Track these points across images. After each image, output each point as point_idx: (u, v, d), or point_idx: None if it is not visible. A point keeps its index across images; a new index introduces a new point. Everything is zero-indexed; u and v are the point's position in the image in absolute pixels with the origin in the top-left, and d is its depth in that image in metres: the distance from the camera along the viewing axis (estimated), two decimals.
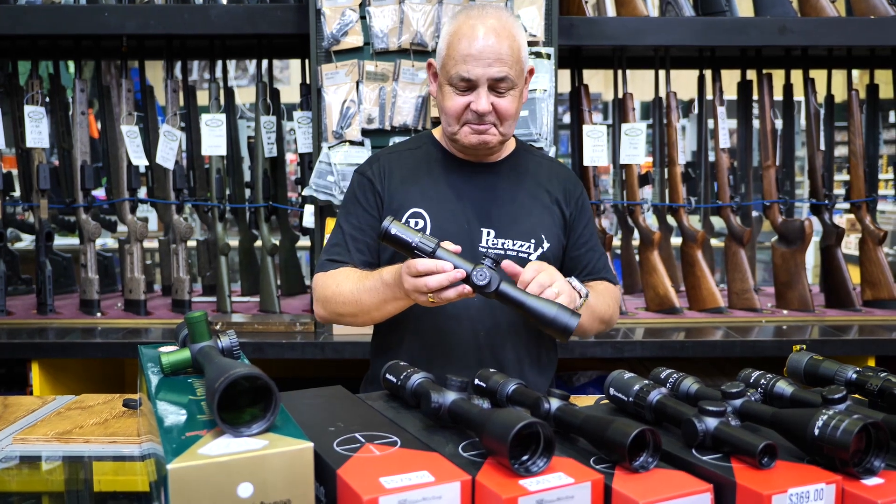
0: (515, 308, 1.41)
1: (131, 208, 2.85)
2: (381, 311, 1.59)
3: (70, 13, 2.63)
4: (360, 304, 1.60)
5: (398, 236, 1.40)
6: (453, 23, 1.66)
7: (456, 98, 1.63)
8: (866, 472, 0.92)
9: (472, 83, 1.60)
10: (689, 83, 3.28)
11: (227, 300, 2.84)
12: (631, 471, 0.93)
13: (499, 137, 1.67)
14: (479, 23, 1.61)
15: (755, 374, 1.20)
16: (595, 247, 1.83)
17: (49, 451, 1.35)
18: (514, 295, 1.40)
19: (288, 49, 2.96)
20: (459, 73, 1.60)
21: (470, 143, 1.66)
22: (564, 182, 1.81)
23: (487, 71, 1.59)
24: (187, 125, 2.99)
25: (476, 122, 1.63)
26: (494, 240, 1.69)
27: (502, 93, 1.62)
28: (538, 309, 1.39)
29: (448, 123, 1.67)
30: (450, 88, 1.63)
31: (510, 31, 1.62)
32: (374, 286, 1.56)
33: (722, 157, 2.87)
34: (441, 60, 1.66)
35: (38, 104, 2.77)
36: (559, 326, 1.39)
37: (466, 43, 1.59)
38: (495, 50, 1.59)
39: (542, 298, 1.41)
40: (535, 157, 1.84)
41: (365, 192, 1.74)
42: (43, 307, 2.82)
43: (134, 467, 1.30)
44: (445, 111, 1.66)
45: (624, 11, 2.78)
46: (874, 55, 2.98)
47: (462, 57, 1.59)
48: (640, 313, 2.83)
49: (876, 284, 2.87)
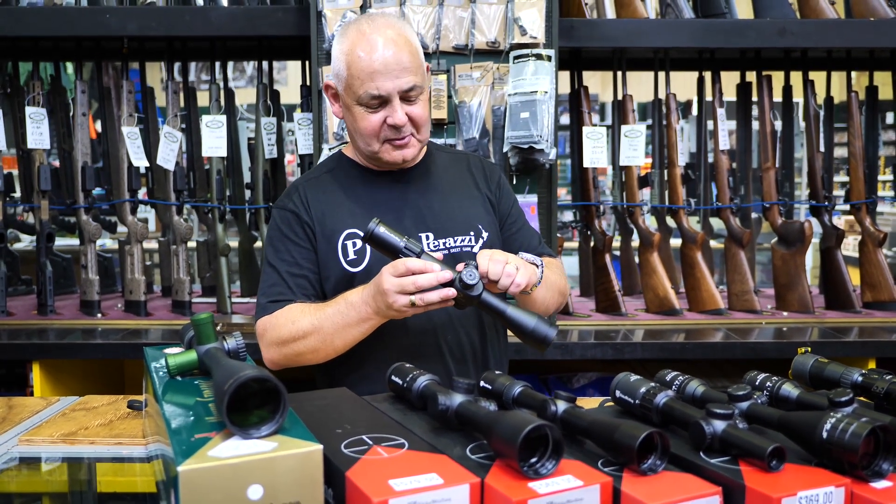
0: (495, 316, 1.43)
1: (132, 209, 2.85)
2: (345, 337, 1.53)
3: (71, 15, 2.62)
4: (322, 333, 1.54)
5: (385, 238, 1.38)
6: (345, 40, 1.60)
7: (370, 117, 1.59)
8: (875, 475, 0.93)
9: (383, 99, 1.57)
10: (688, 85, 3.28)
11: (227, 301, 2.84)
12: (639, 473, 0.93)
13: (418, 146, 1.66)
14: (375, 36, 1.56)
15: (760, 376, 1.20)
16: (524, 225, 1.83)
17: (54, 453, 1.34)
18: (496, 303, 1.41)
19: (288, 50, 2.96)
20: (369, 91, 1.56)
21: (393, 159, 1.64)
22: (482, 168, 1.83)
23: (397, 83, 1.56)
24: (187, 126, 2.98)
25: (395, 136, 1.61)
26: (435, 241, 1.67)
27: (413, 100, 1.60)
28: (518, 319, 1.41)
29: (367, 143, 1.63)
30: (361, 108, 1.60)
31: (406, 38, 1.59)
32: (338, 310, 1.52)
33: (721, 158, 2.87)
34: (343, 81, 1.61)
35: (39, 105, 2.77)
36: (539, 336, 1.41)
37: (368, 59, 1.55)
38: (399, 60, 1.56)
39: (523, 310, 1.43)
40: (447, 152, 1.86)
41: (292, 225, 1.68)
42: (43, 308, 2.82)
43: (140, 468, 1.30)
44: (361, 132, 1.62)
45: (623, 13, 2.78)
46: (873, 57, 2.99)
47: (367, 74, 1.55)
48: (640, 315, 2.83)
49: (876, 286, 2.88)
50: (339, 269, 1.63)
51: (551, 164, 2.51)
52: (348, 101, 1.62)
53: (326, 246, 1.66)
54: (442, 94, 2.47)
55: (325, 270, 1.66)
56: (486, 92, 2.48)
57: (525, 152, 2.43)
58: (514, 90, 2.41)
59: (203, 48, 2.94)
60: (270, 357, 1.62)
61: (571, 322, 2.75)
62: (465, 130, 2.46)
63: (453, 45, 2.49)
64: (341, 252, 1.64)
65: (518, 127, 2.40)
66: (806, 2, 2.79)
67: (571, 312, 2.83)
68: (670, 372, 1.23)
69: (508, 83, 2.45)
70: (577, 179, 2.99)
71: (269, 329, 1.60)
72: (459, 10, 2.48)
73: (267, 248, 1.71)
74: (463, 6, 2.48)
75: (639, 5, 2.76)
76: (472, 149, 2.46)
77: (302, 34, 2.57)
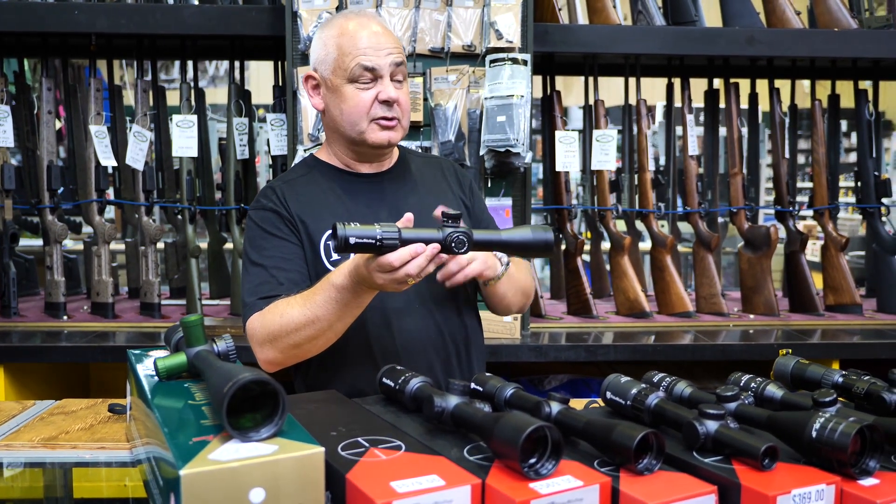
0: (494, 247, 1.44)
1: (99, 210, 2.80)
2: (345, 318, 1.47)
3: (39, 10, 2.57)
4: (318, 321, 1.46)
5: (360, 242, 1.29)
6: (332, 27, 1.64)
7: (361, 94, 1.61)
8: (863, 473, 0.95)
9: (375, 72, 1.60)
10: (657, 90, 3.33)
11: (197, 303, 2.81)
12: (636, 473, 0.95)
13: (401, 133, 1.67)
14: (363, 19, 1.64)
15: (745, 377, 1.23)
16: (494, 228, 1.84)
17: (36, 457, 1.31)
18: (489, 237, 1.41)
19: (261, 50, 2.94)
20: (362, 62, 1.59)
21: (378, 140, 1.63)
22: (455, 173, 1.84)
23: (388, 58, 1.61)
24: (156, 126, 2.94)
25: (384, 115, 1.62)
26: None
27: (400, 82, 1.64)
28: (514, 238, 1.42)
29: (354, 123, 1.63)
30: (351, 86, 1.61)
31: (387, 27, 1.69)
32: (329, 296, 1.44)
33: (691, 163, 2.92)
34: (332, 63, 1.62)
35: (3, 103, 2.71)
36: (539, 243, 1.42)
37: (359, 35, 1.60)
38: (388, 39, 1.63)
39: (512, 229, 1.44)
40: (420, 156, 1.87)
41: (274, 222, 1.64)
42: (6, 310, 2.75)
43: (123, 473, 1.28)
44: (351, 110, 1.62)
45: (596, 19, 2.81)
46: (835, 66, 3.07)
47: (360, 49, 1.59)
48: (611, 317, 2.86)
49: (838, 289, 2.95)
50: (323, 272, 1.60)
51: (526, 167, 2.53)
52: (337, 81, 1.62)
53: (308, 248, 1.64)
54: (418, 96, 2.48)
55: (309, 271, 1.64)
56: (461, 95, 2.49)
57: (501, 155, 2.44)
58: (491, 94, 2.43)
59: (173, 46, 2.90)
60: (266, 357, 1.54)
61: (543, 324, 2.77)
62: (441, 133, 2.47)
63: (429, 48, 2.49)
64: (324, 253, 1.63)
65: (494, 130, 2.41)
66: (773, 11, 2.85)
67: (543, 315, 2.85)
68: (657, 373, 1.25)
69: (485, 87, 2.46)
70: (549, 183, 3.01)
71: (260, 327, 1.53)
72: (436, 14, 2.49)
73: (248, 251, 1.65)
74: (439, 9, 2.49)
75: (611, 11, 2.79)
76: (447, 152, 2.47)
77: (276, 34, 2.55)
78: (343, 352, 1.60)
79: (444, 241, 1.35)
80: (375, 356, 1.60)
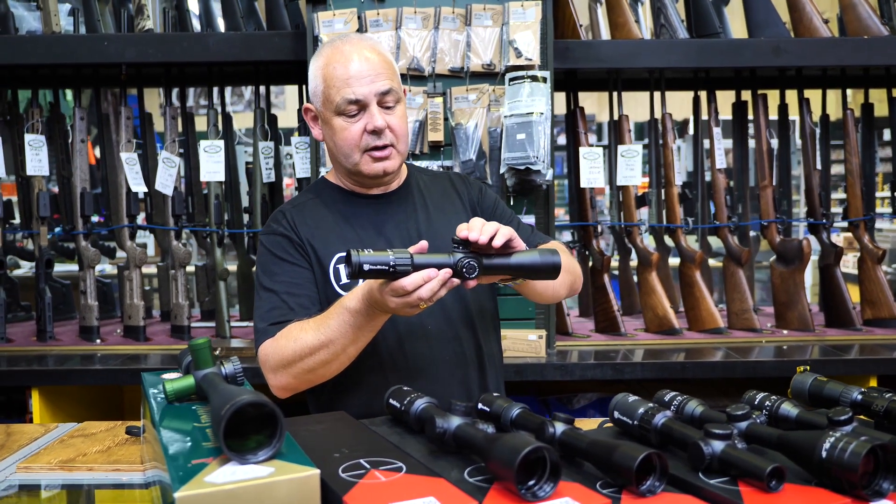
0: (503, 272, 1.44)
1: (130, 234, 2.86)
2: (358, 342, 1.48)
3: (70, 43, 2.64)
4: (332, 345, 1.47)
5: (374, 268, 1.31)
6: (320, 58, 1.64)
7: (350, 126, 1.60)
8: (875, 495, 0.92)
9: (361, 103, 1.59)
10: (684, 104, 3.30)
11: (226, 325, 2.84)
12: (638, 495, 0.93)
13: (398, 159, 1.65)
14: (347, 48, 1.61)
15: (759, 395, 1.20)
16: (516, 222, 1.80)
17: (52, 480, 1.34)
18: (498, 262, 1.41)
19: (285, 75, 2.98)
20: (346, 96, 1.58)
21: (373, 171, 1.63)
22: (462, 182, 1.83)
23: (372, 87, 1.58)
24: (185, 151, 3.00)
25: (376, 146, 1.61)
26: None
27: (391, 107, 1.61)
28: (523, 261, 1.42)
29: (347, 156, 1.63)
30: (339, 119, 1.60)
31: (378, 49, 1.64)
32: (343, 320, 1.45)
33: (719, 177, 2.88)
34: (321, 97, 1.63)
35: (38, 132, 2.78)
36: (547, 267, 1.43)
37: (343, 68, 1.58)
38: (373, 66, 1.59)
39: (520, 252, 1.43)
40: (428, 174, 1.85)
41: (285, 247, 1.65)
42: (42, 334, 2.82)
43: (138, 495, 1.29)
44: (342, 143, 1.62)
45: (618, 34, 2.80)
46: (868, 74, 3.00)
47: (343, 81, 1.58)
48: (640, 335, 2.83)
49: (876, 303, 2.87)
50: (333, 295, 1.60)
51: (548, 184, 2.52)
52: (327, 114, 1.63)
53: (318, 271, 1.65)
54: (438, 116, 2.49)
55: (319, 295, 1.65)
56: (482, 114, 2.49)
57: (522, 173, 2.43)
58: (510, 112, 2.43)
59: (201, 73, 2.96)
60: (279, 382, 1.55)
61: (571, 342, 2.74)
62: (462, 152, 2.47)
63: (449, 67, 2.50)
64: (333, 277, 1.63)
65: (514, 148, 2.41)
66: (800, 20, 2.81)
67: (570, 333, 2.83)
68: (669, 392, 1.22)
69: (504, 105, 2.46)
70: (575, 200, 2.99)
71: (273, 353, 1.53)
72: (455, 34, 2.50)
73: (259, 276, 1.66)
74: (458, 29, 2.50)
75: (633, 26, 2.78)
76: (469, 171, 2.47)
77: (298, 59, 2.59)
78: (357, 374, 1.60)
79: (454, 267, 1.37)
80: (389, 378, 1.60)
